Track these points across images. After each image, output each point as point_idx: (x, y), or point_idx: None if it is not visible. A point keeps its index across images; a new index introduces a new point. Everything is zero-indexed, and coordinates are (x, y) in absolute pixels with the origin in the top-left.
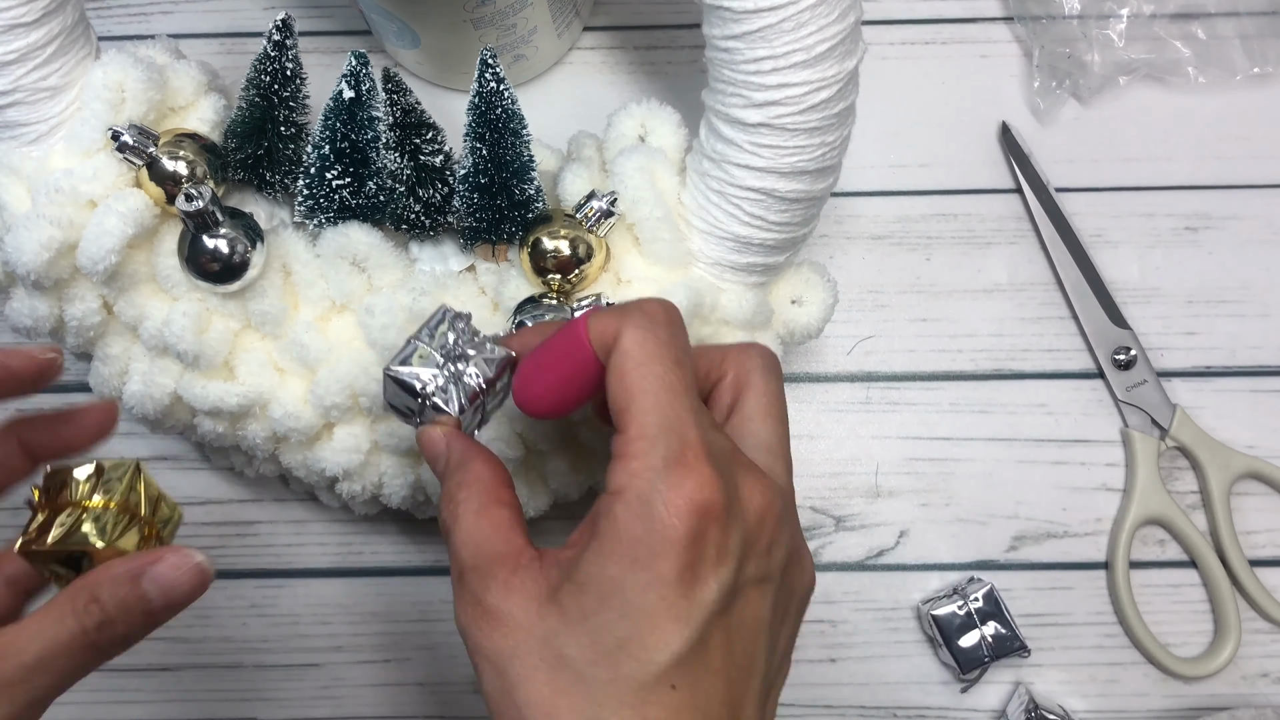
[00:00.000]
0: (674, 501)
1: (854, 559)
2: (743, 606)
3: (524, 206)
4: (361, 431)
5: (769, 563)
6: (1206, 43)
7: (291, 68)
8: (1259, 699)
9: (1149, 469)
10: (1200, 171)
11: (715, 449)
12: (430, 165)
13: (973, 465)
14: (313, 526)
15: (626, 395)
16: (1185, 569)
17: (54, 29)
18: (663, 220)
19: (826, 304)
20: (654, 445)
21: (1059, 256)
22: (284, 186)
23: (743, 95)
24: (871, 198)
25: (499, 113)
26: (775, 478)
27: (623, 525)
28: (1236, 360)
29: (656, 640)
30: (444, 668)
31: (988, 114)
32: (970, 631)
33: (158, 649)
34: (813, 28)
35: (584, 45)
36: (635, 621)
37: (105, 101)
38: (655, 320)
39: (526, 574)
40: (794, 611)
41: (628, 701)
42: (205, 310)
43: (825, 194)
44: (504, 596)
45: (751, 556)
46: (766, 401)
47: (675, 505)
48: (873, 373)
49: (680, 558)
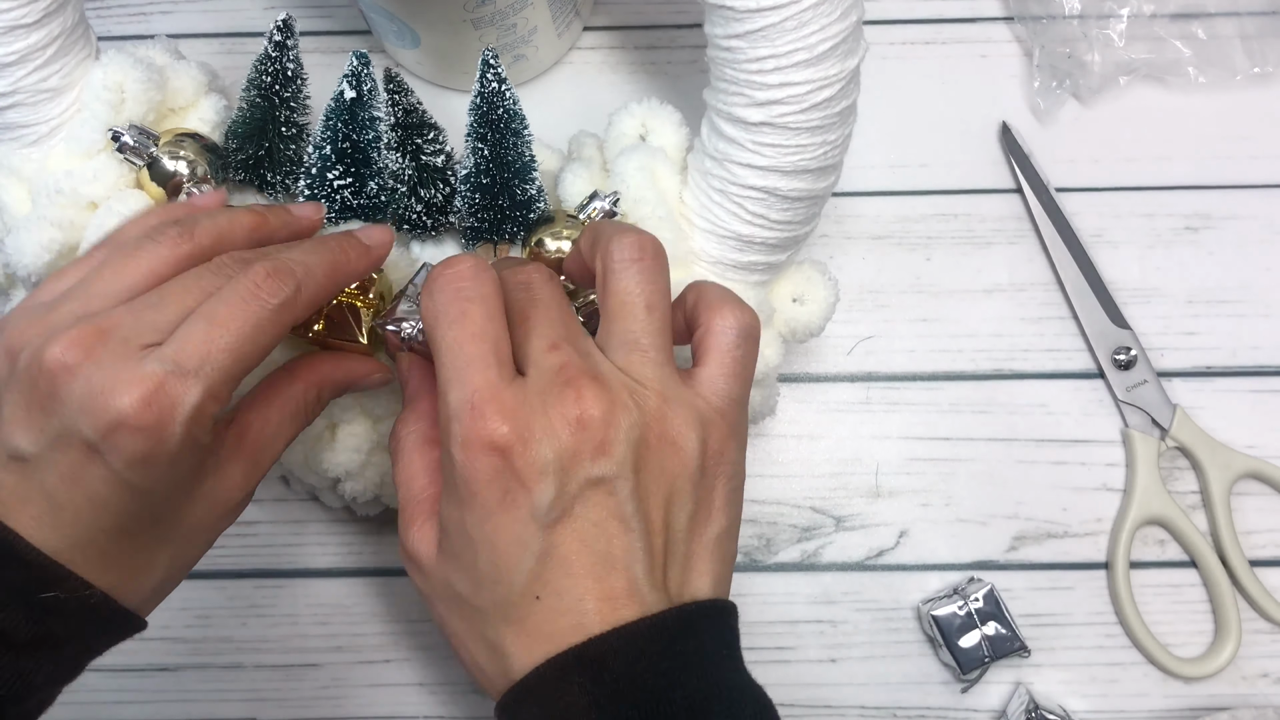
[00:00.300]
0: (466, 446)
1: (854, 559)
2: (584, 510)
3: (526, 206)
4: (363, 432)
5: (608, 462)
6: (1206, 43)
7: (292, 68)
8: (1259, 699)
9: (1149, 469)
10: (1200, 171)
11: (507, 391)
12: (432, 165)
13: (973, 465)
14: (313, 526)
15: (433, 355)
16: (1185, 569)
17: (54, 30)
18: (664, 219)
19: (828, 302)
20: (444, 395)
21: (1059, 256)
22: (285, 187)
23: (745, 94)
24: (871, 198)
25: (500, 113)
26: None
27: (445, 473)
28: (1236, 360)
29: (507, 563)
30: (444, 668)
31: (988, 114)
32: (970, 631)
33: (158, 649)
34: (815, 26)
35: (584, 45)
36: (487, 553)
37: (105, 102)
38: (457, 274)
39: (433, 519)
40: (682, 489)
41: (506, 619)
42: None
43: (827, 192)
44: (418, 541)
45: (576, 465)
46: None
47: (468, 449)
48: (873, 373)
49: (490, 493)
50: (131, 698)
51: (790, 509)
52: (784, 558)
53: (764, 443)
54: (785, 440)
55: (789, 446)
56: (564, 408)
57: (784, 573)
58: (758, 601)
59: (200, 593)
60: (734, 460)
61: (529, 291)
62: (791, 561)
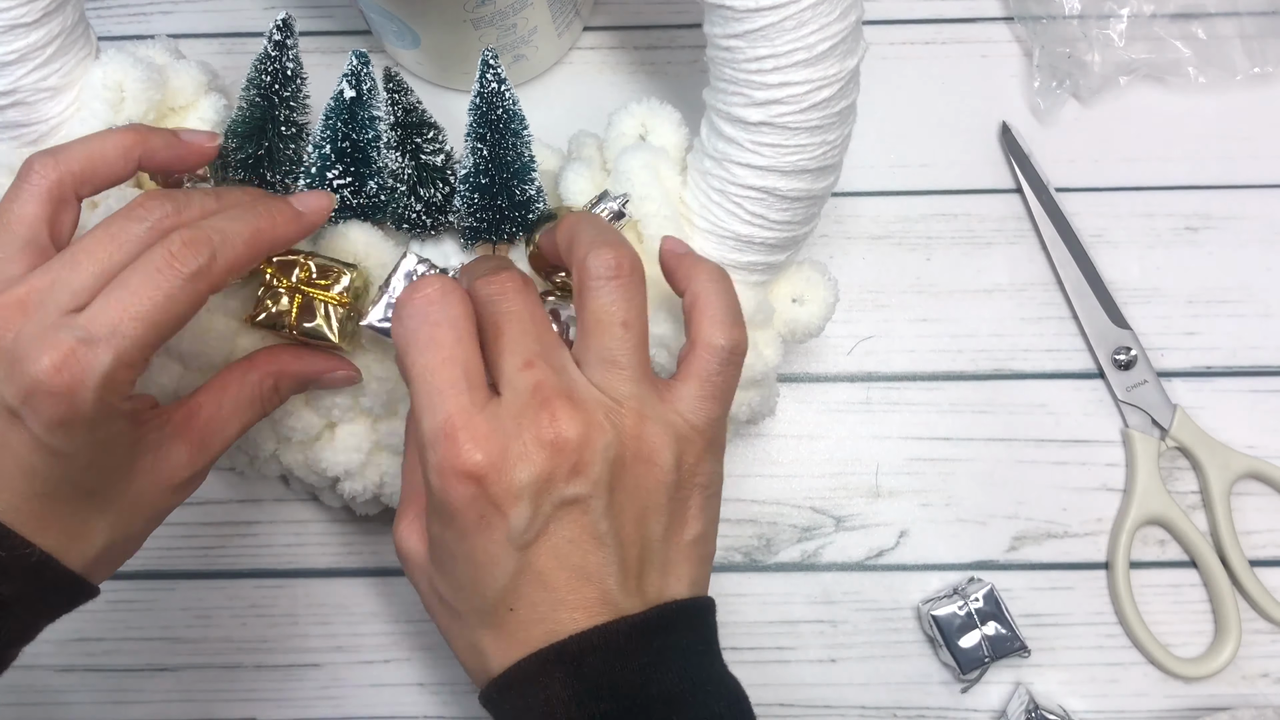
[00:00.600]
0: (441, 473)
1: (854, 559)
2: (559, 529)
3: (524, 207)
4: (363, 431)
5: (583, 483)
6: (1206, 43)
7: (292, 68)
8: (1259, 699)
9: (1149, 469)
10: (1200, 171)
11: (479, 416)
12: (431, 165)
13: (973, 465)
14: (313, 526)
15: (405, 380)
16: (1185, 569)
17: (54, 29)
18: (668, 218)
19: (828, 302)
20: (418, 421)
21: (1059, 256)
22: (285, 186)
23: (744, 94)
24: (871, 198)
25: (500, 113)
26: (618, 395)
27: (426, 491)
28: (1236, 360)
29: (484, 578)
30: (444, 668)
31: (988, 114)
32: (970, 631)
33: (158, 649)
34: (814, 26)
35: (584, 45)
36: (465, 567)
37: (105, 101)
38: (425, 297)
39: (423, 520)
40: (658, 503)
41: (484, 624)
42: (206, 309)
43: (826, 192)
44: (407, 535)
45: (551, 487)
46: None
47: (443, 476)
48: (873, 373)
49: (467, 516)
50: (131, 698)
51: (790, 509)
52: (784, 558)
53: (764, 443)
54: (785, 440)
55: (789, 446)
56: (539, 430)
57: (784, 573)
58: (758, 601)
59: (200, 593)
60: (710, 472)
61: (501, 303)
62: (791, 561)
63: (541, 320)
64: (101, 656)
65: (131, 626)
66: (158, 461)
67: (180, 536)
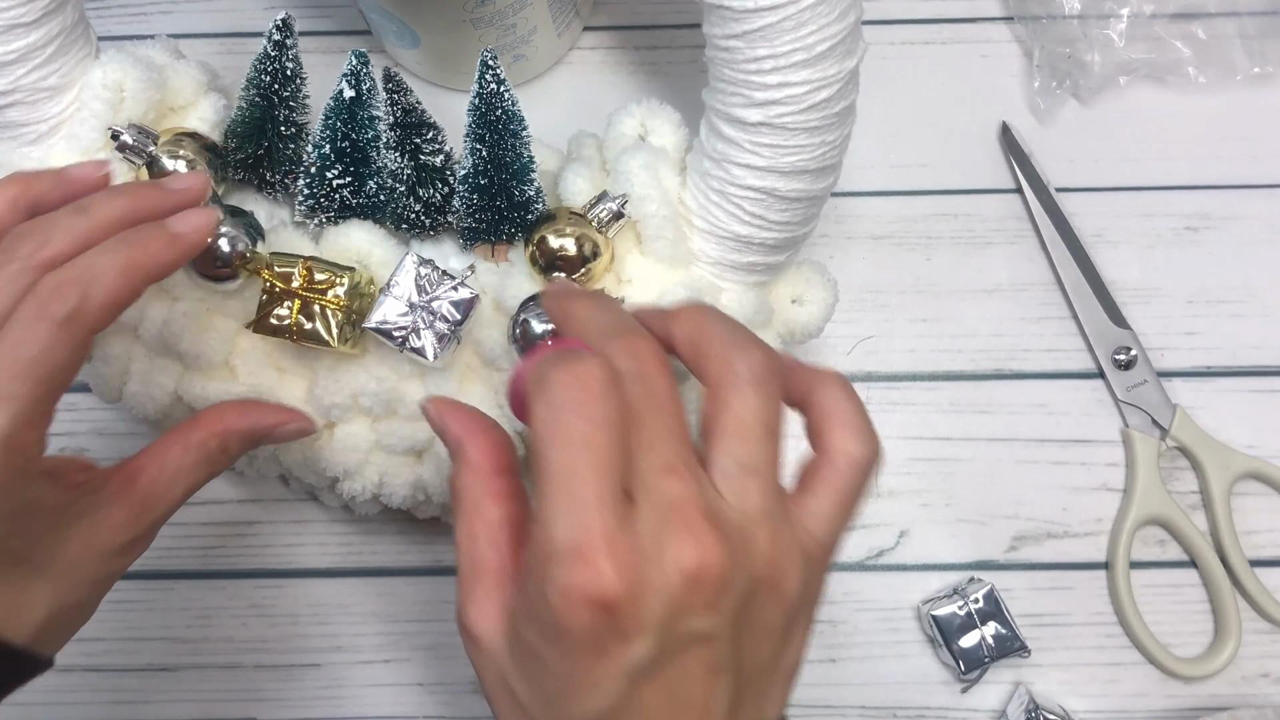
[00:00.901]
0: (567, 595)
1: (854, 559)
2: (679, 664)
3: (523, 208)
4: (362, 431)
5: (714, 619)
6: (1206, 43)
7: (291, 67)
8: (1259, 699)
9: (1149, 469)
10: (1200, 171)
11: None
12: (430, 165)
13: (973, 465)
14: (313, 526)
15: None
16: (1185, 569)
17: (54, 29)
18: (668, 219)
19: (827, 303)
20: (545, 526)
21: (1059, 256)
22: (284, 186)
23: (743, 94)
24: (871, 198)
25: (499, 114)
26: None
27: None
28: (1236, 360)
29: (579, 701)
30: (444, 668)
31: (988, 114)
32: (970, 631)
33: (158, 649)
34: (813, 27)
35: (584, 45)
36: (560, 684)
37: (105, 101)
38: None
39: (498, 597)
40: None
41: None
42: (206, 309)
43: (826, 193)
44: (478, 617)
45: (682, 621)
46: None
47: (567, 598)
48: (873, 373)
49: (583, 641)
50: (131, 698)
51: None
52: None
53: None
54: (785, 440)
55: (789, 447)
56: (680, 556)
57: None
58: None
59: (200, 593)
60: (821, 591)
61: (643, 385)
62: None
63: (681, 411)
64: (101, 656)
65: (131, 626)
66: (94, 525)
67: (180, 536)
